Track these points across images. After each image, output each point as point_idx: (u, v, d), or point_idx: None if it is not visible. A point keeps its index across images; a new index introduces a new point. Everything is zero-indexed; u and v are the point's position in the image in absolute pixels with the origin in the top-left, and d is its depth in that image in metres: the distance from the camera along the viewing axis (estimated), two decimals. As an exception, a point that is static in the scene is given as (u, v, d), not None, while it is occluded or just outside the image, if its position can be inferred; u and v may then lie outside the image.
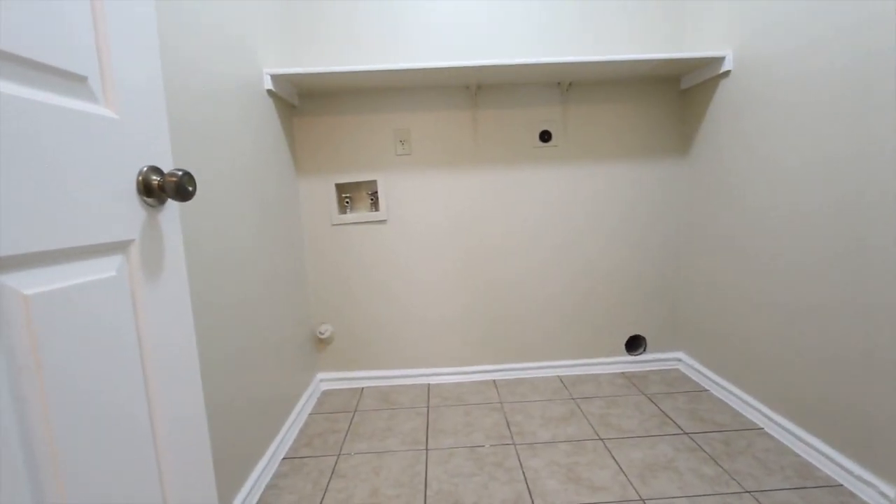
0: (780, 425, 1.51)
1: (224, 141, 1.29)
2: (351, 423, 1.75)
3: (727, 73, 1.68)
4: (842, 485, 1.28)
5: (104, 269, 0.61)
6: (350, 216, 2.00)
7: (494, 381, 2.08)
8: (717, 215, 1.79)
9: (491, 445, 1.55)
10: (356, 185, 2.02)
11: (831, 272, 1.29)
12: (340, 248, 2.02)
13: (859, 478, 1.24)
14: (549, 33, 1.93)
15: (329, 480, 1.40)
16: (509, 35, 1.93)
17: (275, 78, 1.65)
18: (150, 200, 0.70)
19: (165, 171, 0.72)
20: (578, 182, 2.01)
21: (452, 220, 2.02)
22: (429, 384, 2.07)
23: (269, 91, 1.65)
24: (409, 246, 2.03)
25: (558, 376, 2.09)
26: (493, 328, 2.09)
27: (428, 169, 1.99)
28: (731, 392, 1.76)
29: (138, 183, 0.68)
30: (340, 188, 2.01)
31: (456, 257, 2.04)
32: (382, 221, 2.01)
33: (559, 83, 1.94)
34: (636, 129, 1.99)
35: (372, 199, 2.02)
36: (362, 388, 2.05)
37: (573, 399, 1.86)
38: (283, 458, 1.52)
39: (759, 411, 1.61)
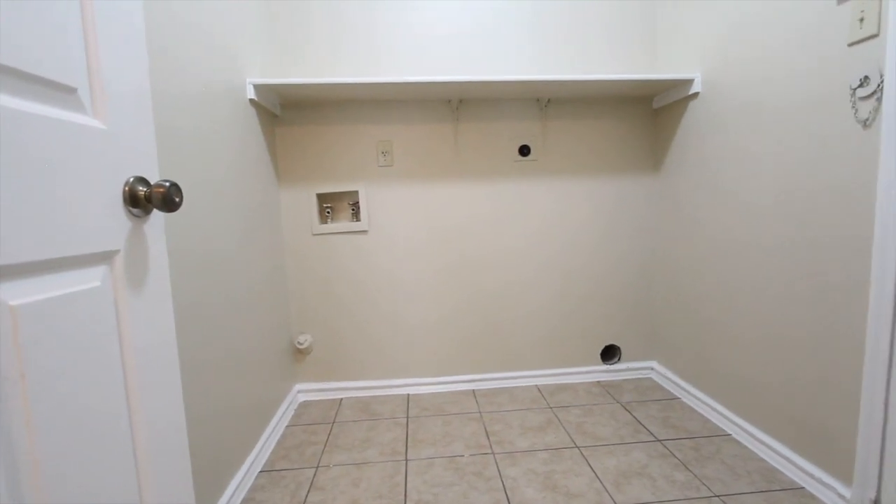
0: (746, 431, 1.58)
1: (205, 149, 1.28)
2: (329, 434, 1.74)
3: (696, 94, 1.76)
4: (803, 487, 1.34)
5: (89, 280, 0.61)
6: (331, 226, 2.01)
7: (474, 390, 2.09)
8: (687, 229, 1.87)
9: (470, 455, 1.57)
10: (338, 196, 2.03)
11: (791, 290, 1.37)
12: (321, 258, 2.01)
13: (819, 480, 1.30)
14: (531, 50, 2.00)
15: (307, 493, 1.39)
16: (491, 50, 1.99)
17: (257, 87, 1.65)
18: (135, 211, 0.70)
19: (152, 181, 0.72)
20: (556, 196, 2.07)
21: (433, 231, 2.04)
22: (408, 394, 2.07)
23: (251, 100, 1.65)
24: (389, 257, 2.04)
25: (536, 386, 2.12)
26: (473, 339, 2.12)
27: (409, 180, 2.01)
28: (700, 400, 1.82)
29: (125, 193, 0.68)
30: (322, 198, 2.01)
31: (436, 268, 2.06)
32: (364, 232, 2.02)
33: (538, 99, 2.01)
34: (612, 145, 2.07)
35: (353, 210, 2.03)
36: (341, 399, 2.04)
37: (550, 408, 1.90)
38: (260, 471, 1.50)
39: (728, 418, 1.67)
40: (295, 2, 1.89)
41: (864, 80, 1.08)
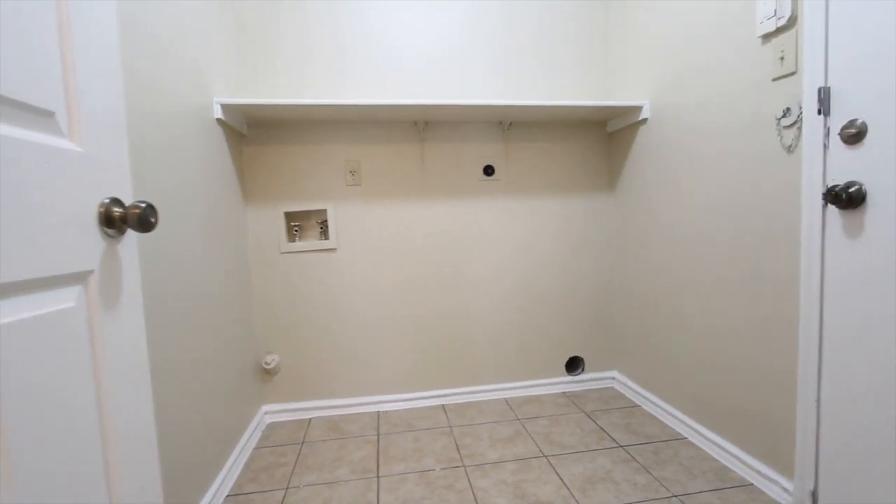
0: (701, 434, 1.68)
1: (170, 167, 1.28)
2: (299, 455, 1.71)
3: (645, 120, 1.91)
4: (752, 484, 1.44)
5: (63, 300, 0.62)
6: (299, 244, 2.01)
7: (444, 405, 2.12)
8: (643, 244, 1.99)
9: (441, 469, 1.59)
10: (306, 214, 2.04)
11: (734, 292, 1.49)
12: (289, 276, 2.01)
13: (766, 476, 1.40)
14: (494, 74, 2.10)
15: (277, 515, 1.37)
16: (457, 74, 2.08)
17: (225, 107, 1.66)
18: (110, 231, 0.71)
19: (126, 202, 0.73)
20: (521, 214, 2.16)
21: (401, 249, 2.08)
22: (378, 411, 2.07)
23: (218, 120, 1.65)
24: (358, 274, 2.06)
25: (504, 398, 2.17)
26: (442, 354, 2.15)
27: (377, 199, 2.05)
28: (659, 406, 1.92)
29: (99, 214, 0.69)
30: (290, 216, 2.01)
31: (404, 286, 2.10)
32: (332, 250, 2.03)
33: (501, 122, 2.11)
34: (571, 166, 2.19)
35: (322, 228, 2.04)
36: (310, 419, 2.01)
37: (519, 420, 1.95)
38: (228, 495, 1.46)
39: (683, 422, 1.77)
40: (262, 20, 1.93)
41: (787, 112, 1.22)
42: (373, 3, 1.99)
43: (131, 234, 0.77)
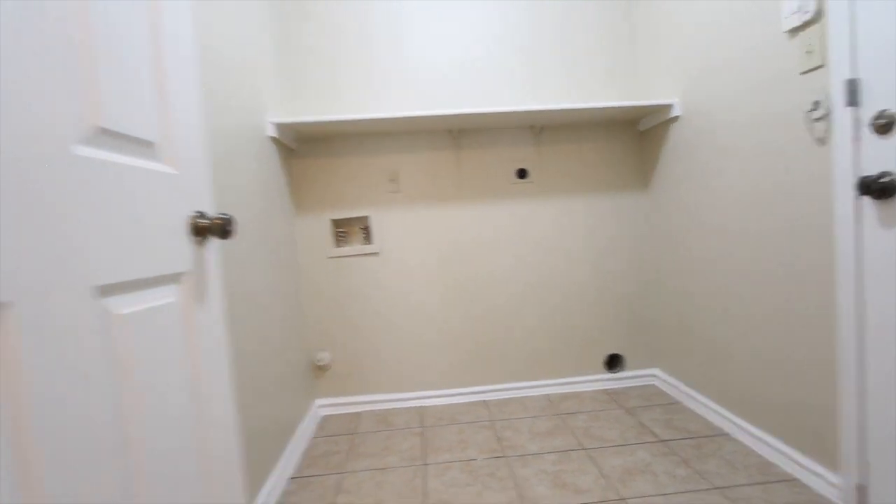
0: (743, 429, 1.67)
1: (233, 180, 1.44)
2: (351, 444, 1.85)
3: (677, 117, 1.92)
4: (797, 479, 1.43)
5: (166, 296, 0.76)
6: (345, 249, 2.16)
7: (485, 401, 2.20)
8: (681, 241, 2.00)
9: (484, 459, 1.67)
10: (350, 221, 2.18)
11: (772, 284, 1.49)
12: (336, 279, 2.15)
13: (811, 471, 1.39)
14: (525, 80, 2.17)
15: (336, 495, 1.49)
16: (487, 81, 2.17)
17: (278, 126, 1.83)
18: (197, 239, 0.85)
19: (211, 214, 0.87)
20: (556, 214, 2.22)
21: (440, 250, 2.19)
22: (423, 406, 2.17)
23: (271, 137, 1.82)
24: (400, 276, 2.18)
25: (544, 395, 2.22)
26: (482, 351, 2.23)
27: (416, 205, 2.17)
28: (701, 402, 1.91)
29: (189, 224, 0.83)
30: (335, 223, 2.16)
31: (444, 285, 2.20)
32: (375, 254, 2.17)
33: (532, 126, 2.17)
34: (604, 165, 2.22)
35: (364, 233, 2.18)
36: (360, 413, 2.15)
37: (558, 415, 2.00)
38: (290, 478, 1.61)
39: (726, 418, 1.76)
40: (301, 44, 2.09)
41: (816, 105, 1.23)
42: (403, 19, 2.12)
43: (213, 241, 0.91)
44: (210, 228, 0.85)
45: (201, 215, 0.85)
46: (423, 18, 2.13)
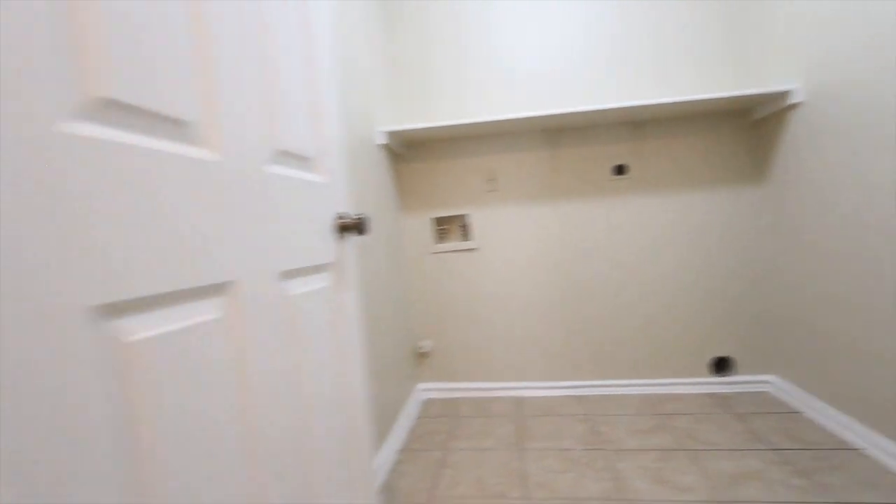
0: (879, 446, 1.51)
1: (357, 186, 1.65)
2: (451, 426, 1.99)
3: (798, 104, 1.77)
4: (947, 502, 1.28)
5: (322, 281, 0.93)
6: (446, 245, 2.31)
7: (580, 396, 2.22)
8: (805, 236, 1.84)
9: (581, 449, 1.71)
10: (450, 219, 2.33)
11: (918, 289, 1.34)
12: (437, 272, 2.32)
13: (965, 495, 1.24)
14: (621, 75, 2.15)
15: (439, 469, 1.64)
16: (583, 80, 2.17)
17: (388, 134, 2.02)
18: (341, 235, 1.02)
19: (351, 214, 1.04)
20: (655, 210, 2.16)
21: (536, 247, 2.25)
22: (518, 396, 2.26)
23: (381, 144, 2.02)
24: (497, 270, 2.28)
25: (644, 394, 2.18)
26: (578, 347, 2.25)
27: (512, 203, 2.25)
28: (826, 413, 1.76)
29: (335, 223, 1.00)
30: (437, 221, 2.33)
31: (539, 282, 2.25)
32: (474, 249, 2.29)
33: (631, 122, 2.14)
34: (712, 159, 2.11)
35: (463, 230, 2.32)
36: (458, 398, 2.29)
37: (658, 415, 1.96)
38: (399, 450, 1.80)
39: (856, 432, 1.61)
40: (399, 53, 2.27)
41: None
42: (494, 23, 2.20)
43: (352, 238, 1.08)
44: (351, 226, 1.02)
45: (344, 215, 1.02)
46: (516, 22, 2.20)
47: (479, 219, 2.28)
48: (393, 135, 2.06)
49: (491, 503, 1.43)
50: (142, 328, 0.49)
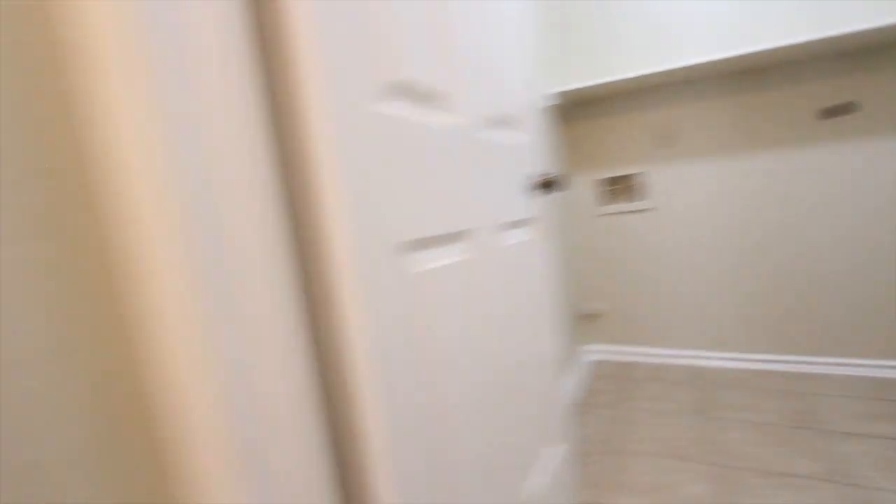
0: None
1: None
2: (624, 387, 1.98)
3: None
4: None
5: (524, 234, 1.01)
6: (615, 206, 2.23)
7: (777, 371, 1.98)
8: None
9: (786, 426, 1.54)
10: (620, 178, 2.23)
11: None
12: (606, 234, 2.26)
13: None
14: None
15: (623, 425, 1.66)
16: (771, 13, 1.81)
17: (558, 94, 2.01)
18: (541, 191, 1.09)
19: (550, 172, 1.10)
20: (880, 158, 1.74)
21: (721, 206, 2.02)
22: (698, 366, 2.11)
23: (549, 105, 2.01)
24: (675, 232, 2.12)
25: (868, 376, 1.85)
26: (771, 316, 1.99)
27: (693, 158, 2.05)
28: None
29: (534, 180, 1.07)
30: (606, 182, 2.25)
31: (726, 244, 2.03)
32: (648, 210, 2.16)
33: (844, 53, 1.73)
34: None
35: (633, 190, 2.20)
36: (630, 362, 2.25)
37: (888, 400, 1.64)
38: (574, 405, 1.86)
39: None
40: (563, 17, 2.17)
41: None
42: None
43: (549, 195, 1.14)
44: (549, 184, 1.07)
45: (543, 173, 1.08)
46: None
47: (654, 177, 2.14)
48: (559, 94, 2.04)
49: (683, 465, 1.40)
50: (420, 263, 0.63)
